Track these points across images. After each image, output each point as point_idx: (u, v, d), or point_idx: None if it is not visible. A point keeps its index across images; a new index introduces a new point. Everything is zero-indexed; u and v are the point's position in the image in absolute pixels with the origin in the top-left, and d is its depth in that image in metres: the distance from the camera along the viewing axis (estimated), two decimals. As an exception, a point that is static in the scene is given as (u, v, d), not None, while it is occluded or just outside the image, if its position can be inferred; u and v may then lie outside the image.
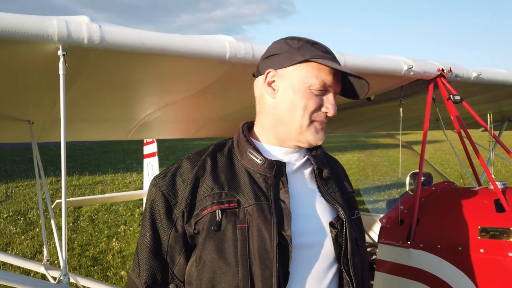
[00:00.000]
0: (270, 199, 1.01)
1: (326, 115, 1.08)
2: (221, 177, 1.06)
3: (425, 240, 2.13)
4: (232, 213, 1.00)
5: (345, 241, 1.06)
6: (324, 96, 1.08)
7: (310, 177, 1.13)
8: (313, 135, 1.09)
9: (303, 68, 1.06)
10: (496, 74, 2.67)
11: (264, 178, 1.05)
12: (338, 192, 1.14)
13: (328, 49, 1.10)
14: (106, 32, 1.35)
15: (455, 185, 2.54)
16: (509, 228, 1.84)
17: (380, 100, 3.05)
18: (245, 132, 1.15)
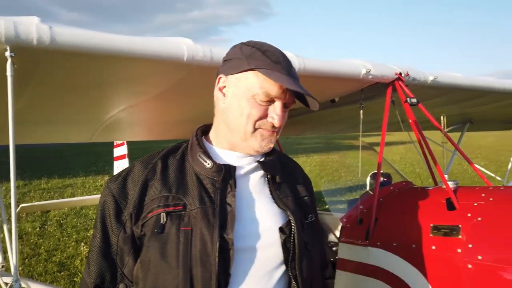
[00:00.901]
0: (216, 203, 1.03)
1: (274, 125, 1.08)
2: (170, 180, 1.07)
3: (382, 239, 2.20)
4: (177, 216, 1.02)
5: (293, 245, 1.07)
6: (271, 106, 1.08)
7: (263, 182, 1.15)
8: (258, 142, 1.10)
9: (249, 77, 1.07)
10: (451, 78, 2.79)
11: (212, 182, 1.07)
12: (290, 197, 1.15)
13: (281, 58, 1.09)
14: (57, 33, 1.34)
15: (412, 185, 2.63)
16: (458, 225, 1.93)
17: (345, 103, 3.13)
18: (198, 136, 1.17)
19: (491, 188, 2.08)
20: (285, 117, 1.12)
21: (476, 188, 2.17)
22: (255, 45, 1.09)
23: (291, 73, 1.08)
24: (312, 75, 2.13)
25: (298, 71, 2.05)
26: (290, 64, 1.12)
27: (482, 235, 1.85)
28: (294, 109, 3.49)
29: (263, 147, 1.11)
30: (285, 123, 1.14)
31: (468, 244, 1.85)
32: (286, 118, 1.13)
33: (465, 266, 1.83)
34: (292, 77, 1.08)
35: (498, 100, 3.79)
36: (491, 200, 1.95)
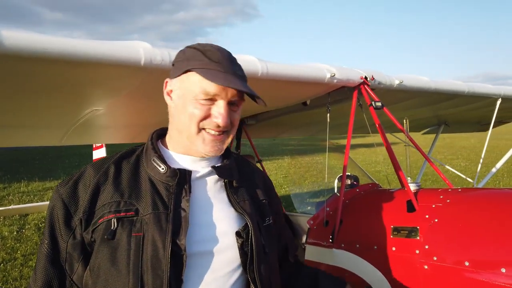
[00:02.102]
0: (170, 208, 1.02)
1: (218, 124, 1.06)
2: (123, 185, 1.06)
3: (346, 240, 2.23)
4: (128, 222, 1.01)
5: (251, 249, 1.08)
6: (214, 105, 1.07)
7: (220, 186, 1.14)
8: (202, 145, 1.08)
9: (189, 78, 1.06)
10: (417, 81, 2.84)
11: (166, 187, 1.06)
12: (248, 201, 1.15)
13: (220, 57, 1.07)
14: (4, 36, 1.32)
15: (379, 186, 2.67)
16: (417, 227, 1.97)
17: (316, 105, 3.16)
18: (153, 140, 1.16)
19: (450, 190, 2.13)
20: (233, 116, 1.09)
21: (436, 190, 2.21)
22: (197, 47, 1.09)
23: (231, 71, 1.07)
24: (276, 79, 2.15)
25: (261, 75, 2.08)
26: (234, 62, 1.10)
27: (438, 236, 1.89)
28: (268, 112, 3.52)
29: (208, 151, 1.09)
30: (237, 122, 1.11)
31: (425, 245, 1.89)
32: (237, 117, 1.11)
33: (421, 267, 1.87)
34: (233, 74, 1.06)
35: (469, 103, 3.87)
36: (448, 201, 2.00)
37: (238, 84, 1.05)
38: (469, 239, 1.79)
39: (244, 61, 2.04)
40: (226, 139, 1.11)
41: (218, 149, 1.10)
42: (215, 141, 1.09)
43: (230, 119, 1.08)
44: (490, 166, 4.84)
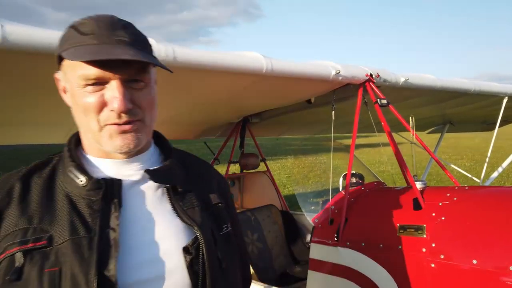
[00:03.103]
0: (94, 231, 0.81)
1: (118, 114, 0.83)
2: (31, 208, 0.83)
3: (351, 239, 2.21)
4: (39, 255, 0.78)
5: (203, 267, 0.88)
6: (106, 90, 0.82)
7: (160, 193, 0.92)
8: (110, 142, 0.85)
9: (66, 65, 0.85)
10: (423, 79, 2.82)
11: (88, 204, 0.84)
12: (198, 207, 0.94)
13: (95, 26, 0.82)
14: (8, 32, 1.32)
15: (384, 185, 2.65)
16: (423, 225, 1.95)
17: (321, 104, 3.14)
18: (72, 145, 0.92)
19: (457, 188, 2.10)
20: (139, 97, 0.85)
21: (443, 188, 2.19)
22: (73, 23, 0.85)
23: (111, 40, 0.81)
24: (280, 76, 2.13)
25: (265, 72, 2.06)
26: (117, 27, 0.83)
27: (444, 234, 1.87)
28: (272, 110, 3.50)
29: (117, 148, 0.86)
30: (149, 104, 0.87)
31: (432, 243, 1.87)
32: (145, 97, 0.86)
33: (428, 265, 1.85)
34: (113, 43, 0.80)
35: (474, 102, 3.84)
36: (455, 199, 1.98)
37: (118, 52, 0.79)
38: (477, 237, 1.77)
39: (249, 58, 2.04)
40: (142, 128, 0.87)
41: (131, 141, 0.85)
42: (124, 133, 0.85)
43: (135, 101, 0.84)
44: (495, 166, 4.80)
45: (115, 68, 0.80)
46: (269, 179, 4.02)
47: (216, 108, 3.01)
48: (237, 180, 4.20)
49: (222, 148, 3.85)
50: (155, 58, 0.88)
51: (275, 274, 3.30)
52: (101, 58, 0.78)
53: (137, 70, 0.84)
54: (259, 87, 2.36)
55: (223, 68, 1.92)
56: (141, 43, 0.86)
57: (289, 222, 3.70)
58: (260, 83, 2.24)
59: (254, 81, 2.21)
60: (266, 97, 2.82)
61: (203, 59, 1.83)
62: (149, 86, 0.88)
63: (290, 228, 3.67)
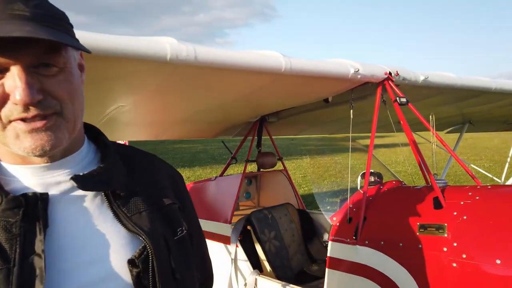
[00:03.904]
0: (13, 260, 0.66)
1: (23, 106, 0.66)
2: None
3: (370, 237, 2.20)
4: None
5: (153, 280, 0.76)
6: (5, 79, 0.66)
7: (99, 200, 0.77)
8: (18, 143, 0.69)
9: None
10: (443, 77, 2.78)
11: (5, 227, 0.67)
12: (146, 211, 0.80)
13: None
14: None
15: (403, 184, 2.63)
16: (444, 224, 1.93)
17: (338, 102, 3.14)
18: None
19: (479, 187, 2.08)
20: (50, 84, 0.69)
21: (464, 187, 2.16)
22: None
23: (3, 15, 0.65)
24: (299, 75, 2.14)
25: (284, 70, 2.08)
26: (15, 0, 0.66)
27: (467, 233, 1.84)
28: (289, 109, 3.51)
29: (32, 148, 0.69)
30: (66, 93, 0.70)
31: (453, 242, 1.85)
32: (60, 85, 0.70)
33: (450, 265, 1.83)
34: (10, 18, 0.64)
35: (495, 100, 3.77)
36: (477, 198, 1.95)
37: (9, 28, 0.63)
38: (501, 237, 1.74)
39: (268, 57, 2.05)
40: (61, 123, 0.71)
41: (46, 141, 0.69)
42: (35, 131, 0.68)
43: (47, 90, 0.68)
44: (516, 166, 4.70)
45: (15, 50, 0.64)
46: (286, 178, 4.03)
47: (234, 107, 3.04)
48: (254, 179, 4.22)
49: (240, 147, 3.87)
50: (68, 36, 0.70)
51: (292, 272, 3.30)
52: None
53: (45, 51, 0.67)
54: (277, 86, 2.37)
55: (243, 67, 1.94)
56: (48, 18, 0.68)
57: (306, 221, 3.70)
58: (279, 82, 2.26)
59: (273, 80, 2.23)
60: (284, 96, 2.83)
61: (223, 58, 1.86)
62: (67, 71, 0.71)
63: (307, 227, 3.67)
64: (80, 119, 0.76)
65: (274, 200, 3.93)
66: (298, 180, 10.63)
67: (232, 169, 4.11)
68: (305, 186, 9.90)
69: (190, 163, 14.39)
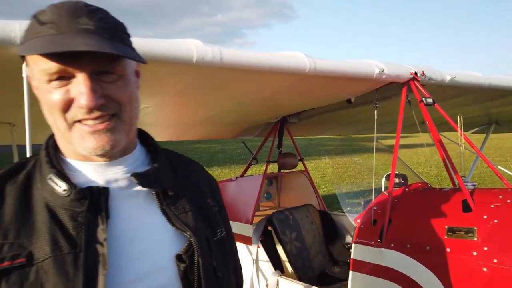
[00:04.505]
0: (80, 246, 0.72)
1: (87, 110, 0.73)
2: (6, 220, 0.74)
3: (395, 240, 2.17)
4: (18, 274, 0.70)
5: (198, 276, 0.81)
6: (71, 85, 0.73)
7: (150, 198, 0.84)
8: (82, 143, 0.76)
9: (29, 59, 0.75)
10: (470, 77, 2.72)
11: (72, 216, 0.74)
12: (191, 211, 0.86)
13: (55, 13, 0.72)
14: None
15: (429, 186, 2.58)
16: (474, 227, 1.88)
17: (361, 103, 3.10)
18: (50, 148, 0.82)
19: (510, 190, 2.02)
20: (111, 90, 0.75)
21: (494, 190, 2.10)
22: (35, 12, 0.76)
23: (72, 28, 0.71)
24: (323, 76, 2.12)
25: (308, 71, 2.07)
26: (81, 13, 0.73)
27: (498, 237, 1.80)
28: (310, 110, 3.49)
29: (94, 148, 0.76)
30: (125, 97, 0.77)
31: (484, 246, 1.80)
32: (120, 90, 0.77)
33: (480, 269, 1.78)
34: (74, 32, 0.71)
35: (524, 100, 3.66)
36: (508, 202, 1.89)
37: (76, 42, 0.70)
38: (534, 241, 1.69)
39: (292, 58, 2.05)
40: (120, 125, 0.77)
41: (106, 142, 0.76)
42: (98, 132, 0.75)
43: (108, 95, 0.75)
44: (546, 168, 4.54)
45: (81, 59, 0.71)
46: (307, 179, 4.01)
47: (256, 108, 3.04)
48: (274, 180, 4.22)
49: (261, 147, 3.87)
50: (128, 47, 0.77)
51: (314, 273, 3.28)
52: (54, 51, 0.68)
53: (106, 61, 0.73)
54: (300, 86, 2.36)
55: (268, 68, 1.94)
56: (109, 31, 0.75)
57: (328, 222, 3.67)
58: (302, 82, 2.25)
59: (296, 80, 2.22)
60: (306, 96, 2.82)
61: (248, 60, 1.86)
62: (125, 78, 0.77)
63: (328, 228, 3.64)
64: (135, 121, 0.83)
65: (295, 201, 3.91)
66: (317, 180, 10.57)
67: (251, 170, 4.11)
68: (324, 187, 9.83)
69: (209, 163, 14.48)
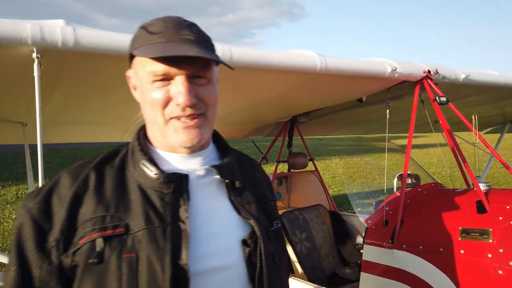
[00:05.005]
0: (166, 221, 0.86)
1: (183, 107, 0.86)
2: (107, 196, 0.88)
3: (408, 241, 2.13)
4: (118, 241, 0.83)
5: (260, 260, 0.92)
6: (171, 85, 0.87)
7: (220, 188, 0.97)
8: (175, 135, 0.89)
9: (136, 63, 0.90)
10: (485, 76, 2.66)
11: (160, 196, 0.89)
12: (254, 203, 0.99)
13: (162, 26, 0.87)
14: (80, 35, 1.40)
15: (442, 186, 2.53)
16: (489, 229, 1.84)
17: (373, 102, 3.06)
18: (141, 138, 0.96)
19: (526, 191, 1.97)
20: (202, 92, 0.88)
21: (510, 191, 2.06)
22: (143, 24, 0.91)
23: (177, 38, 0.86)
24: (334, 74, 2.10)
25: (319, 70, 2.04)
26: (183, 27, 0.88)
27: (514, 239, 1.75)
28: (321, 109, 3.46)
29: (184, 141, 0.90)
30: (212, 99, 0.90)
31: (499, 248, 1.76)
32: (209, 93, 0.90)
33: (495, 272, 1.74)
34: (179, 41, 0.86)
35: (541, 99, 3.58)
36: (525, 203, 1.85)
37: (184, 49, 0.84)
38: (552, 244, 1.64)
39: (303, 56, 2.02)
40: (205, 123, 0.91)
41: (194, 137, 0.90)
42: (188, 128, 0.89)
43: (199, 96, 0.88)
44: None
45: (181, 64, 0.84)
46: (317, 179, 3.98)
47: (266, 108, 3.02)
48: (284, 179, 4.20)
49: (271, 147, 3.85)
50: (215, 55, 0.91)
51: (324, 274, 3.25)
52: (169, 54, 0.82)
53: (200, 67, 0.87)
54: (311, 85, 2.34)
55: (278, 67, 1.92)
56: (204, 42, 0.90)
57: (338, 223, 3.64)
58: (313, 81, 2.22)
59: (307, 79, 2.19)
60: (317, 96, 2.79)
61: (258, 58, 1.84)
62: (212, 82, 0.91)
63: (339, 229, 3.61)
64: (215, 121, 0.95)
65: (305, 201, 3.88)
66: (327, 180, 10.50)
67: (262, 169, 4.10)
68: (335, 187, 9.77)
69: (219, 162, 14.48)
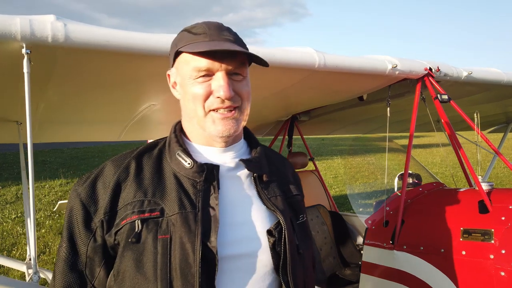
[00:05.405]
0: (198, 207, 0.94)
1: (222, 100, 0.97)
2: (146, 183, 0.98)
3: (408, 242, 2.09)
4: (154, 223, 0.93)
5: (284, 249, 0.99)
6: (212, 80, 0.97)
7: (249, 180, 1.06)
8: (213, 126, 0.99)
9: (180, 60, 1.01)
10: (488, 73, 2.61)
11: (193, 184, 0.98)
12: (280, 196, 1.06)
13: (206, 28, 0.99)
14: (71, 30, 1.36)
15: (444, 186, 2.48)
16: (491, 229, 1.79)
17: (374, 100, 3.02)
18: (177, 132, 1.07)
19: (530, 191, 1.92)
20: (239, 87, 0.99)
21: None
22: (185, 27, 1.03)
23: (219, 38, 0.98)
24: (333, 71, 2.06)
25: (318, 67, 2.00)
26: (222, 29, 1.00)
27: (517, 240, 1.71)
28: (321, 108, 3.42)
29: (219, 132, 0.99)
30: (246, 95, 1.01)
31: (501, 249, 1.72)
32: (244, 88, 1.00)
33: (497, 273, 1.70)
34: (220, 40, 0.98)
35: (545, 98, 3.52)
36: (528, 203, 1.80)
37: (227, 46, 0.95)
38: (557, 245, 1.60)
39: (300, 52, 1.98)
40: (240, 115, 1.01)
41: (231, 127, 0.99)
42: (226, 119, 0.99)
43: (236, 90, 0.98)
44: None
45: (222, 61, 0.95)
46: (318, 179, 3.94)
47: (264, 106, 2.98)
48: (284, 179, 4.15)
49: (270, 146, 3.82)
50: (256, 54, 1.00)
51: (324, 276, 3.21)
52: (216, 49, 0.93)
53: (238, 64, 0.97)
54: (310, 83, 2.30)
55: (275, 63, 1.88)
56: (241, 42, 1.03)
57: (339, 223, 3.59)
58: (312, 78, 2.18)
59: (305, 76, 2.16)
60: (316, 94, 2.75)
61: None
62: (246, 79, 1.01)
63: (339, 230, 3.57)
64: (248, 115, 1.04)
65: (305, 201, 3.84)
66: (329, 181, 10.45)
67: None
68: (337, 187, 9.72)
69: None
